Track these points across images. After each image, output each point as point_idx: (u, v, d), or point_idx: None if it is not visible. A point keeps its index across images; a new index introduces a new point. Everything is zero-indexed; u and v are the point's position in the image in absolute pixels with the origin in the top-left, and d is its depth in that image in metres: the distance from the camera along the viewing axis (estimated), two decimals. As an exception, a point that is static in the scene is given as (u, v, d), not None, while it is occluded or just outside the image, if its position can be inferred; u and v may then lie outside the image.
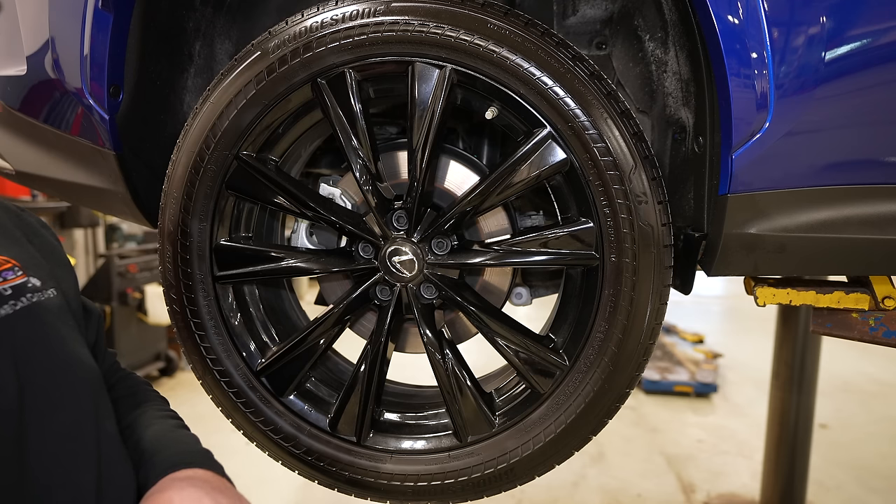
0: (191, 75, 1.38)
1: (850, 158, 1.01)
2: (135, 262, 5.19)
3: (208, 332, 1.21)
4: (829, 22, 0.94)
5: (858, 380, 5.73)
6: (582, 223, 1.09)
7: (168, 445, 0.96)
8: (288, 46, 1.07)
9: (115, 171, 1.26)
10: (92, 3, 1.15)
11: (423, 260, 1.16)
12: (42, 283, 0.89)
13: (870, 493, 3.77)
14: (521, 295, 1.36)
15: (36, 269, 0.90)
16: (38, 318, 0.85)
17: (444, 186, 1.25)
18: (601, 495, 3.73)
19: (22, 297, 0.84)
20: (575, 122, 1.03)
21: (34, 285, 0.87)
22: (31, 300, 0.85)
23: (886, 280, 1.18)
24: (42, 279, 0.89)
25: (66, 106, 1.25)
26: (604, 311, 1.09)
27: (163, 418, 1.03)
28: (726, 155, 1.01)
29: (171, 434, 1.00)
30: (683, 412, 5.00)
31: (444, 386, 1.20)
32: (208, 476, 0.90)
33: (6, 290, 0.82)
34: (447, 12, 1.03)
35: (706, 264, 1.14)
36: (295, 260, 1.21)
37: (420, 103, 1.08)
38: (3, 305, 0.81)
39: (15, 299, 0.82)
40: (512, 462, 1.17)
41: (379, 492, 1.23)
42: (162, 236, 1.19)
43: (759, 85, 0.96)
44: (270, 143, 1.18)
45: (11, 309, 0.81)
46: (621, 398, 1.13)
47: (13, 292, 0.83)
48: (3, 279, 0.83)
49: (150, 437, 0.97)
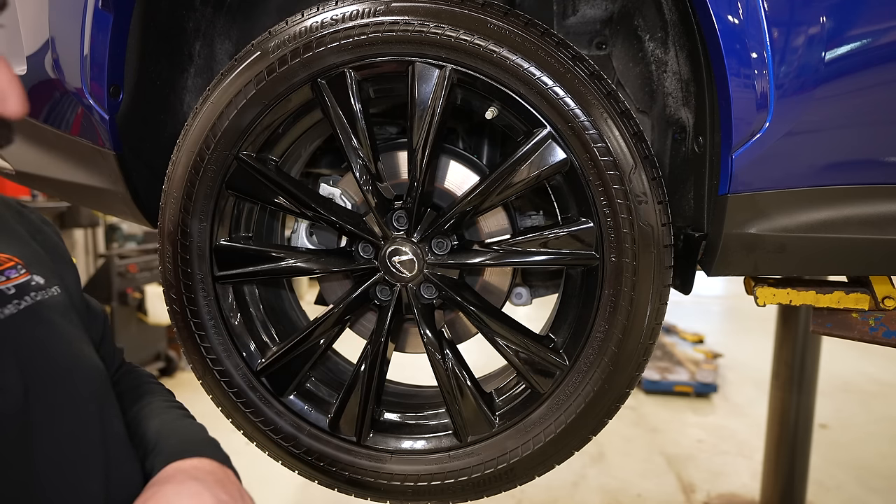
0: (191, 75, 1.38)
1: (850, 158, 1.01)
2: (135, 262, 5.19)
3: (208, 332, 1.21)
4: (829, 22, 0.94)
5: (858, 380, 5.73)
6: (582, 223, 1.09)
7: (173, 433, 0.94)
8: (288, 46, 1.07)
9: (115, 171, 1.26)
10: (92, 3, 1.14)
11: (423, 260, 1.16)
12: (45, 281, 0.86)
13: (870, 493, 3.77)
14: (521, 295, 1.36)
15: (39, 267, 0.88)
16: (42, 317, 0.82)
17: (444, 186, 1.25)
18: (601, 495, 3.73)
19: (26, 295, 0.81)
20: (575, 122, 1.03)
21: (38, 283, 0.85)
22: (35, 299, 0.83)
23: (886, 280, 1.17)
24: (45, 277, 0.87)
25: (66, 106, 1.25)
26: (604, 311, 1.09)
27: (168, 409, 1.01)
28: (726, 155, 1.01)
29: (177, 423, 0.98)
30: (683, 412, 5.00)
31: (444, 386, 1.20)
32: (213, 467, 0.87)
33: (9, 289, 0.80)
34: (447, 12, 1.03)
35: (706, 264, 1.14)
36: (295, 260, 1.21)
37: (420, 103, 1.08)
38: (6, 305, 0.78)
39: (18, 298, 0.80)
40: (512, 462, 1.17)
41: (379, 492, 1.23)
42: (162, 236, 1.19)
43: (759, 85, 0.96)
44: (270, 143, 1.18)
45: (15, 308, 0.79)
46: (621, 398, 1.13)
47: (16, 291, 0.81)
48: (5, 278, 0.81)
49: (156, 427, 0.94)
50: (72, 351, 0.85)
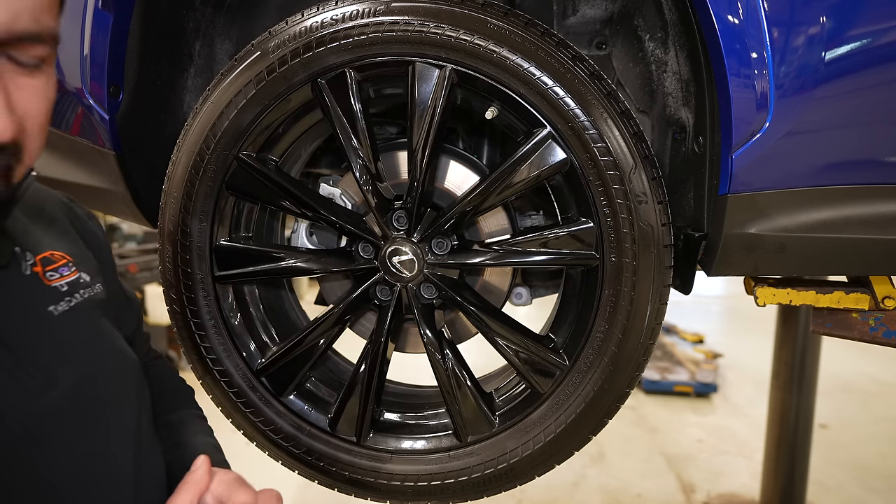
0: (191, 75, 1.38)
1: (850, 158, 1.01)
2: (135, 262, 5.19)
3: (208, 332, 1.21)
4: (829, 22, 0.94)
5: (858, 380, 5.73)
6: (582, 223, 1.09)
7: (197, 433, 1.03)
8: (288, 46, 1.07)
9: (115, 171, 1.26)
10: (92, 3, 1.15)
11: (423, 260, 1.16)
12: (91, 278, 0.90)
13: (870, 493, 3.77)
14: (521, 295, 1.36)
15: (86, 264, 0.91)
16: (89, 314, 0.86)
17: (444, 186, 1.25)
18: (601, 495, 3.73)
19: (76, 293, 0.85)
20: (575, 122, 1.03)
21: (85, 281, 0.88)
22: (84, 296, 0.86)
23: (886, 280, 1.17)
24: (91, 274, 0.90)
25: (66, 106, 1.25)
26: (604, 311, 1.09)
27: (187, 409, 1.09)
28: (726, 155, 1.01)
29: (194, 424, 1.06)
30: (683, 412, 5.00)
31: (444, 386, 1.20)
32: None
33: (62, 287, 0.83)
34: (447, 12, 1.03)
35: (706, 264, 1.14)
36: (295, 260, 1.21)
37: (420, 103, 1.08)
38: (59, 302, 0.82)
39: (70, 296, 0.84)
40: (512, 462, 1.17)
41: (379, 492, 1.23)
42: (162, 236, 1.19)
43: (759, 85, 0.96)
44: (270, 143, 1.18)
45: (67, 306, 0.82)
46: (621, 398, 1.13)
47: (68, 289, 0.84)
48: (59, 275, 0.84)
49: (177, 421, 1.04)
50: (116, 346, 0.88)
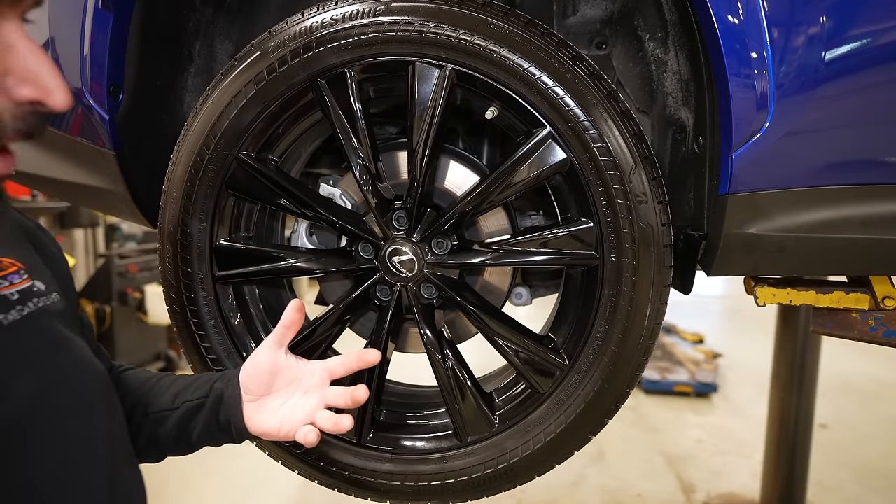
0: (191, 75, 1.38)
1: (850, 158, 1.01)
2: (135, 262, 5.19)
3: (208, 332, 1.21)
4: (829, 22, 0.94)
5: (858, 380, 5.73)
6: (582, 223, 1.09)
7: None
8: (288, 46, 1.07)
9: (115, 171, 1.26)
10: (92, 3, 1.15)
11: (423, 260, 1.16)
12: (46, 286, 0.85)
13: (870, 493, 3.77)
14: (521, 295, 1.36)
15: (39, 273, 0.87)
16: (45, 323, 0.81)
17: (444, 186, 1.25)
18: (601, 495, 3.73)
19: (29, 301, 0.80)
20: (575, 122, 1.03)
21: (39, 289, 0.83)
22: (38, 305, 0.81)
23: (886, 280, 1.17)
24: (46, 283, 0.86)
25: (66, 106, 1.25)
26: (604, 311, 1.09)
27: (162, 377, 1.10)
28: (726, 155, 1.01)
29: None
30: (683, 412, 4.99)
31: (444, 386, 1.20)
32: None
33: (13, 295, 0.78)
34: (447, 12, 1.03)
35: (706, 264, 1.14)
36: (295, 260, 1.21)
37: (420, 103, 1.08)
38: (10, 311, 0.77)
39: (22, 304, 0.79)
40: (512, 462, 1.17)
41: (379, 492, 1.23)
42: (162, 236, 1.19)
43: (759, 85, 0.96)
44: (270, 143, 1.18)
45: (19, 314, 0.77)
46: (621, 398, 1.13)
47: (20, 297, 0.79)
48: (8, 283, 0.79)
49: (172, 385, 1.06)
50: (77, 356, 0.85)
